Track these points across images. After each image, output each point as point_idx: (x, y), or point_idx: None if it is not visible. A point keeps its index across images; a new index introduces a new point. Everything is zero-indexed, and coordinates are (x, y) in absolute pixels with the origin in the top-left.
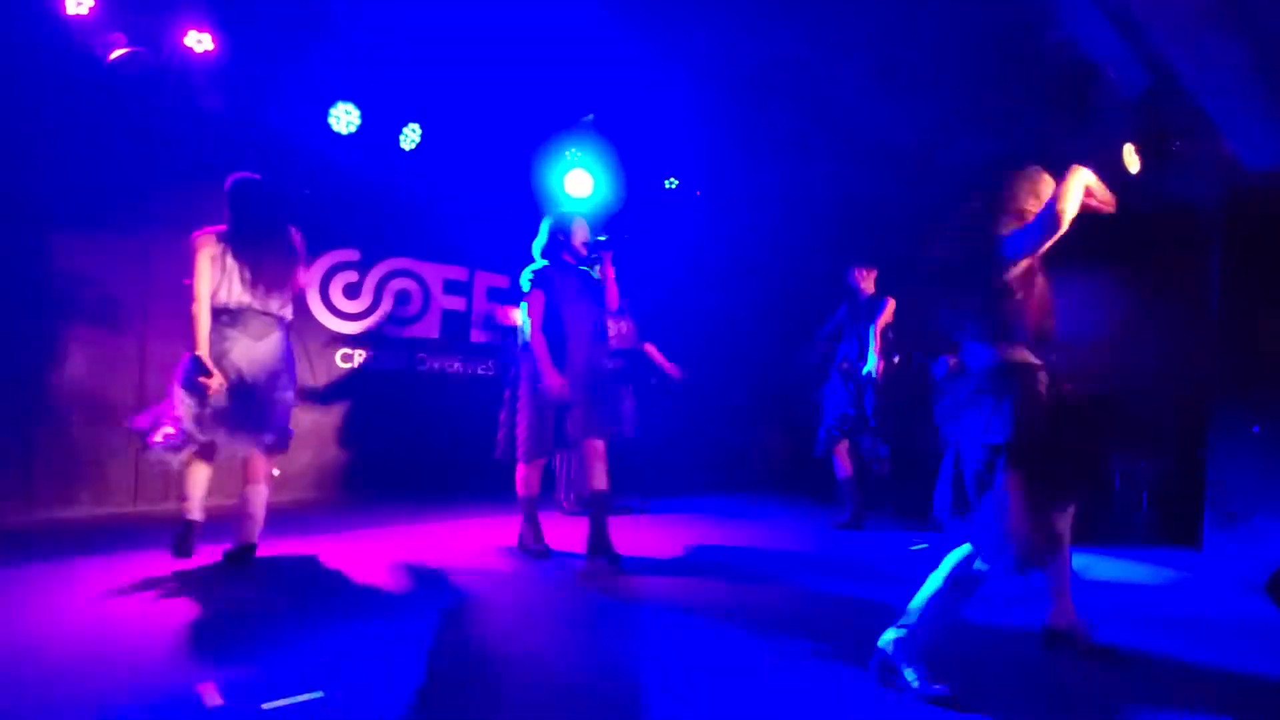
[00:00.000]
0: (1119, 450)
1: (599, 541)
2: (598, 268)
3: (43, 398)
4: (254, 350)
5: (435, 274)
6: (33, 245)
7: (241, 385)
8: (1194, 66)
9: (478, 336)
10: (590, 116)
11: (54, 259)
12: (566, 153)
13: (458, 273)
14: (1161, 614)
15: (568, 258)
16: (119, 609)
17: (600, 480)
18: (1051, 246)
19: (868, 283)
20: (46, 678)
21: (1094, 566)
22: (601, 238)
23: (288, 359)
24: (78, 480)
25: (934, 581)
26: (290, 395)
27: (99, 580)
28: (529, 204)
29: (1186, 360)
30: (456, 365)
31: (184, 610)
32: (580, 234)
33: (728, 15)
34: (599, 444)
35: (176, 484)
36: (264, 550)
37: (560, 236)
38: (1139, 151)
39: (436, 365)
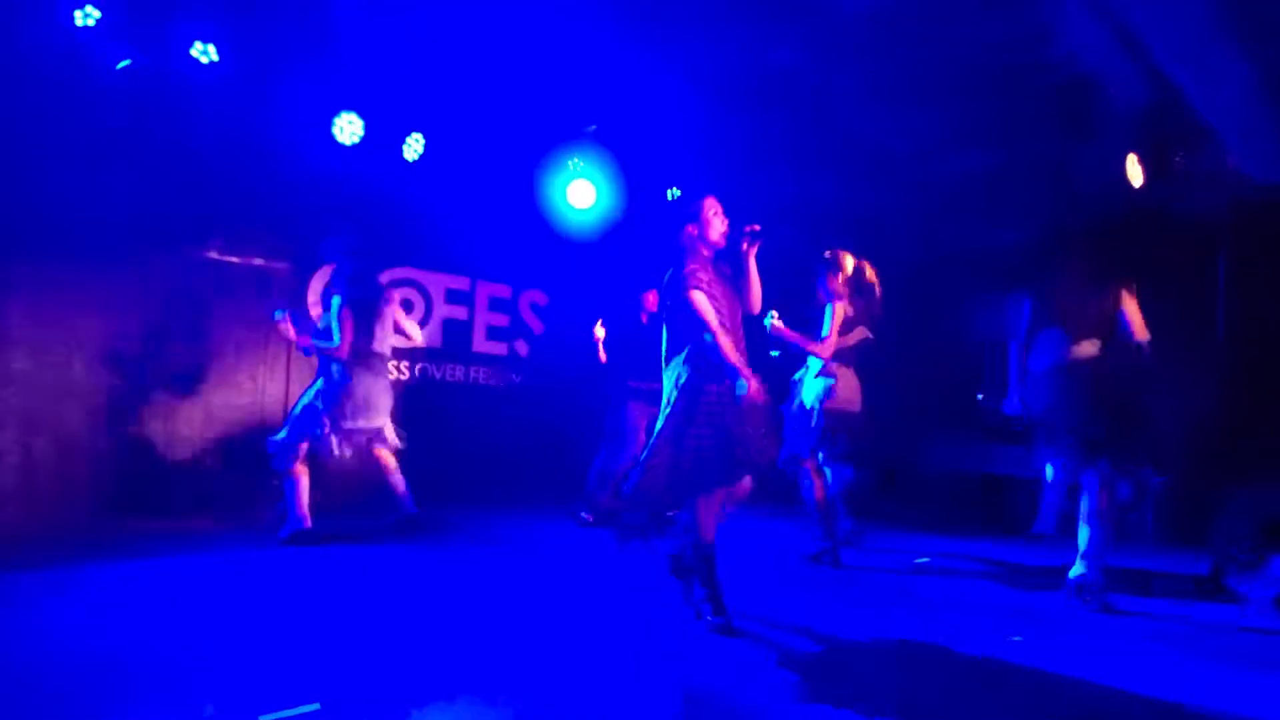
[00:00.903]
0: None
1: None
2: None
3: (40, 408)
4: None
5: (438, 283)
6: (39, 255)
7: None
8: (1197, 81)
9: (480, 346)
10: (593, 127)
11: (58, 269)
12: (569, 163)
13: (460, 282)
14: (1167, 628)
15: (705, 251)
16: (113, 618)
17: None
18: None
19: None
20: (37, 689)
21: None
22: (755, 227)
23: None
24: (74, 488)
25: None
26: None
27: (92, 589)
28: (531, 215)
29: (1194, 373)
30: (458, 374)
31: (180, 620)
32: (718, 222)
33: (729, 27)
34: (748, 481)
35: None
36: (261, 559)
37: (698, 226)
38: (1142, 165)
39: (438, 374)
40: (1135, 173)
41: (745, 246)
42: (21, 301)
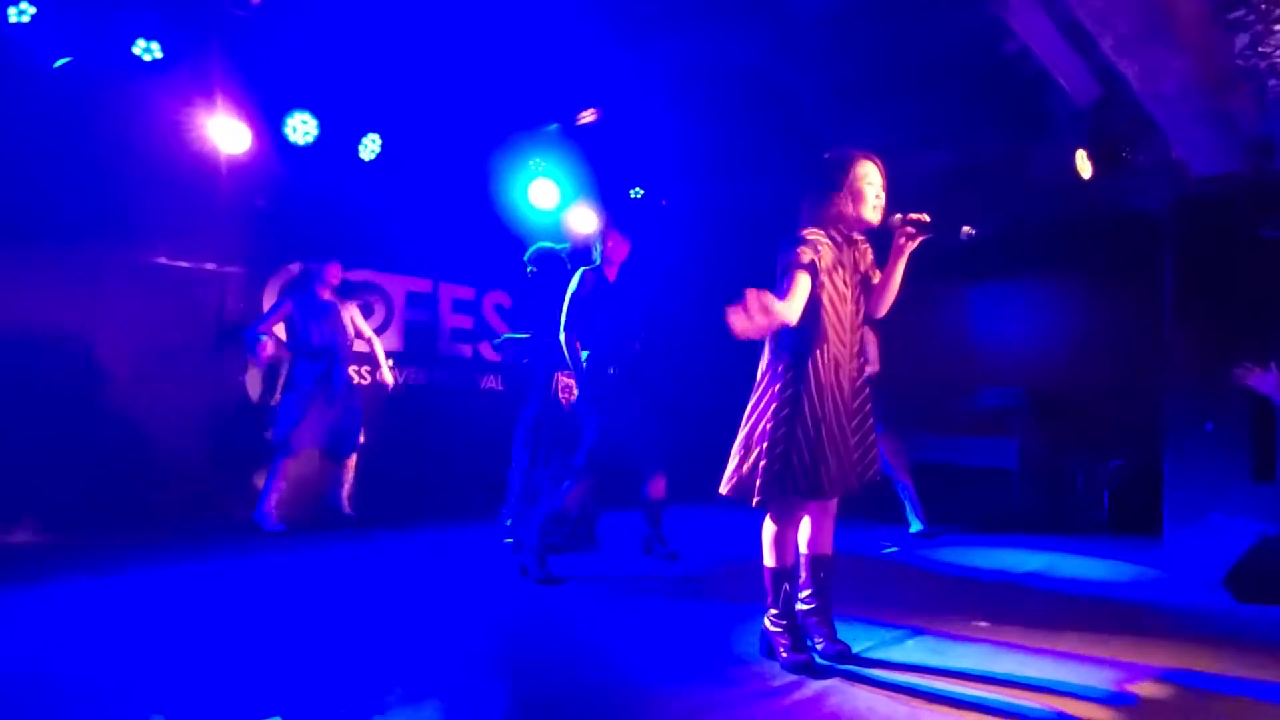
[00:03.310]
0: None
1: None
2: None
3: None
4: None
5: (399, 286)
6: None
7: None
8: (1141, 77)
9: (445, 349)
10: (555, 126)
11: None
12: (531, 163)
13: (422, 284)
14: (1125, 608)
15: (841, 226)
16: (56, 637)
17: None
18: (1016, 255)
19: None
20: None
21: (1059, 564)
22: (922, 216)
23: None
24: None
25: None
26: None
27: (45, 607)
28: (494, 216)
29: (1142, 361)
30: (422, 378)
31: (140, 632)
32: (871, 192)
33: (691, 26)
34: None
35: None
36: (225, 569)
37: (842, 193)
38: (1091, 159)
39: (401, 378)
40: (1085, 167)
41: (902, 241)
42: None
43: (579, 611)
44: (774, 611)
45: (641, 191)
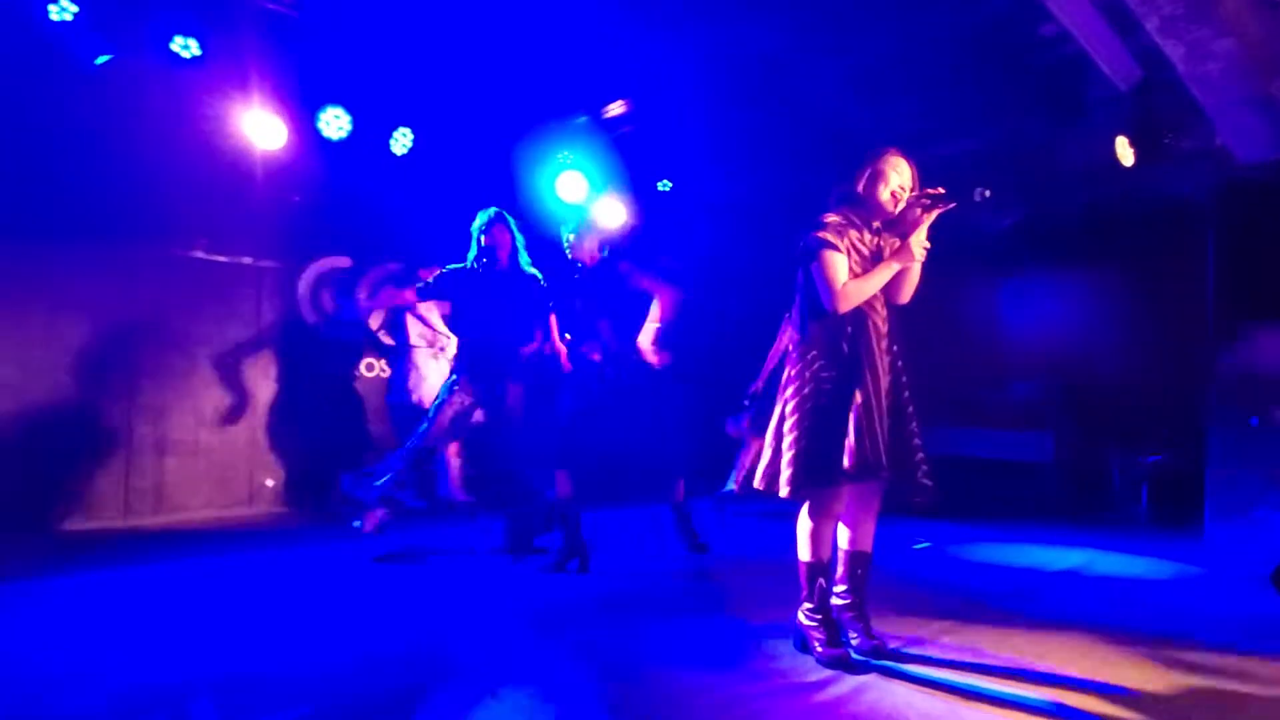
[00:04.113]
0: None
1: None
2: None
3: (31, 410)
4: None
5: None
6: (18, 255)
7: None
8: (1186, 60)
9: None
10: (583, 119)
11: (39, 269)
12: (559, 156)
13: None
14: (1166, 606)
15: (863, 212)
16: (111, 624)
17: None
18: (1051, 244)
19: None
20: (31, 697)
21: (1097, 561)
22: (937, 190)
23: None
24: (66, 494)
25: None
26: None
27: (89, 595)
28: (522, 208)
29: (1183, 353)
30: None
31: (176, 625)
32: (894, 176)
33: (716, 14)
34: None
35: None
36: (262, 562)
37: (864, 180)
38: (1132, 145)
39: None
40: (1125, 153)
41: (918, 214)
42: (3, 304)
43: (600, 606)
44: (809, 606)
45: (669, 184)
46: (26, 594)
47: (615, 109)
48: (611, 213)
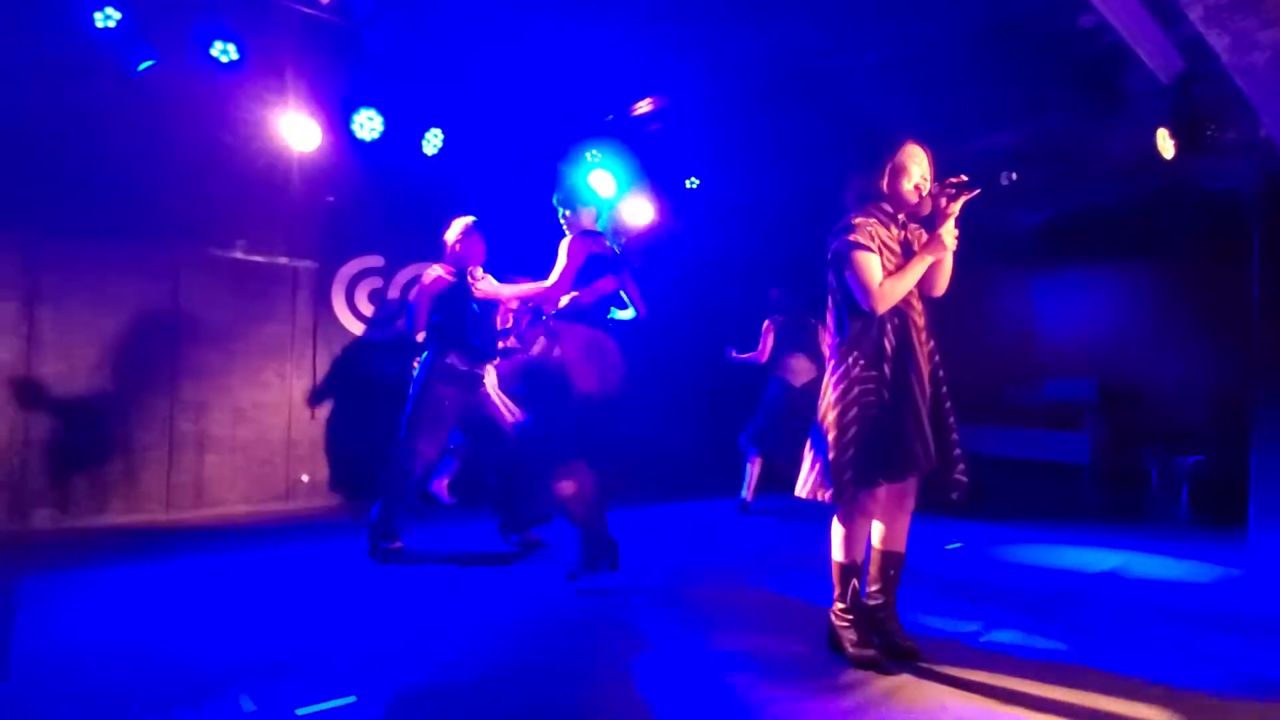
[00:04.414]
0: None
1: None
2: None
3: (77, 405)
4: None
5: None
6: (67, 254)
7: None
8: (1231, 50)
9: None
10: (611, 117)
11: (86, 269)
12: (588, 154)
13: None
14: (1208, 610)
15: (887, 207)
16: (156, 614)
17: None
18: (1087, 239)
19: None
20: (83, 681)
21: (1135, 563)
22: (960, 178)
23: None
24: (110, 487)
25: None
26: None
27: (135, 586)
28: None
29: (1227, 350)
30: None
31: (219, 615)
32: (916, 170)
33: (746, 11)
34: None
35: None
36: (299, 555)
37: (885, 175)
38: (1173, 137)
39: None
40: (1166, 146)
41: (944, 204)
42: (50, 304)
43: (624, 606)
44: (841, 606)
45: (697, 181)
46: (77, 583)
47: (643, 107)
48: (639, 210)
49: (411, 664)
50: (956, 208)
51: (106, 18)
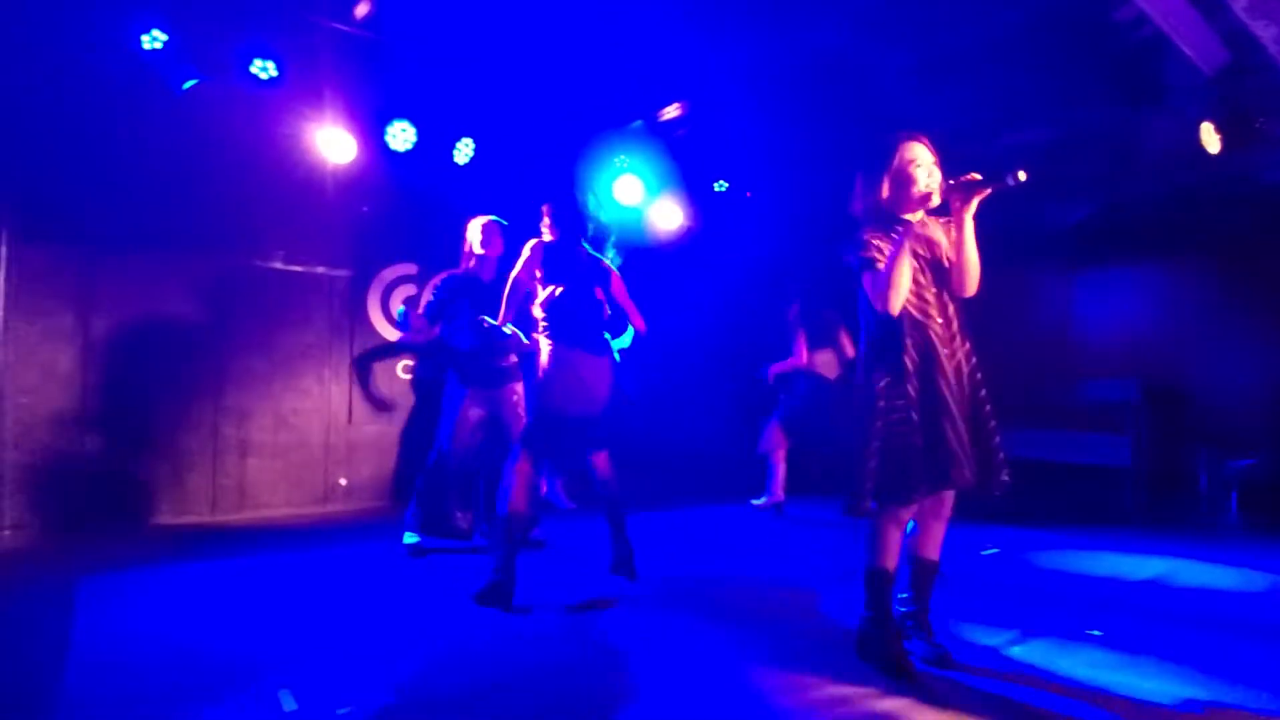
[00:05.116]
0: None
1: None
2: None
3: (128, 411)
4: None
5: None
6: (118, 266)
7: None
8: (1278, 40)
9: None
10: (639, 123)
11: (136, 280)
12: (616, 160)
13: None
14: (1258, 620)
15: (895, 226)
16: (202, 611)
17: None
18: (1128, 236)
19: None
20: (128, 679)
21: (1180, 570)
22: (972, 176)
23: None
24: (159, 490)
25: None
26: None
27: (182, 584)
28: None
29: (1272, 349)
30: None
31: (263, 614)
32: (922, 173)
33: (771, 8)
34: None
35: (250, 495)
36: (337, 557)
37: (888, 181)
38: (1219, 131)
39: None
40: (1212, 140)
41: (958, 205)
42: (103, 314)
43: (645, 608)
44: (872, 614)
45: (726, 184)
46: (129, 581)
47: (671, 112)
48: (667, 214)
49: (449, 670)
50: (972, 208)
51: (154, 39)
